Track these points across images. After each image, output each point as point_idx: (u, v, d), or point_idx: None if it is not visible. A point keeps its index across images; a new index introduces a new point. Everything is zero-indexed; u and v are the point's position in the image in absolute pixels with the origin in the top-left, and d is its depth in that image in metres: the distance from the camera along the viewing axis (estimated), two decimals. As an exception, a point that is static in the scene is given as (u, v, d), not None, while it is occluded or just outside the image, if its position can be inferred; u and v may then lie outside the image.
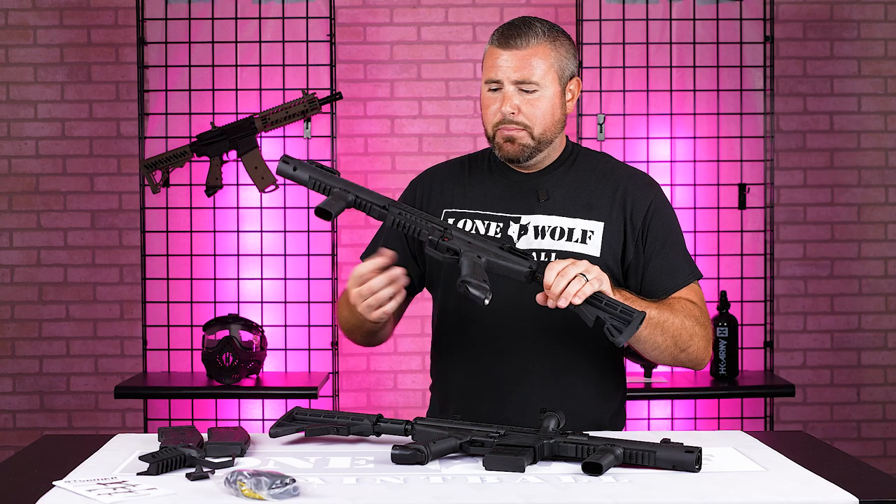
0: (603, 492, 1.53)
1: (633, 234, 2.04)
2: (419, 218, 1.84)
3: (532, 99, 1.98)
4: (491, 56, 2.01)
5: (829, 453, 1.86)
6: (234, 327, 3.39)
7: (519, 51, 1.98)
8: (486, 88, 2.01)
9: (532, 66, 1.97)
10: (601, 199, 2.05)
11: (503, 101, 1.98)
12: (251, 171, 3.51)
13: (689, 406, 3.62)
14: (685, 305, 2.02)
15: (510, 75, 1.97)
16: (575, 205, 2.04)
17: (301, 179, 1.84)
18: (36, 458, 1.79)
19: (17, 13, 4.10)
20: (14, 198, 4.11)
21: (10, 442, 4.07)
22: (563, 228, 2.02)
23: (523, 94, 1.98)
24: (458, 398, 2.07)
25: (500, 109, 1.98)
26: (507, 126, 1.99)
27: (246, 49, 3.63)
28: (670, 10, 3.65)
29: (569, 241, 2.01)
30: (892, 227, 4.17)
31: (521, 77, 1.97)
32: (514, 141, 2.00)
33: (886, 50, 4.16)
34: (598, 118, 3.61)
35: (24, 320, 4.11)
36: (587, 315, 1.78)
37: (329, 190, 1.83)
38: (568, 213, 2.04)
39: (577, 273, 1.77)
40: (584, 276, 1.77)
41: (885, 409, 4.17)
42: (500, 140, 2.01)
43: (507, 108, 1.97)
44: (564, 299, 1.76)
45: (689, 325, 1.98)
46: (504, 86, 1.98)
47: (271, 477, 1.49)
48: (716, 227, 3.66)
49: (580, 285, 1.76)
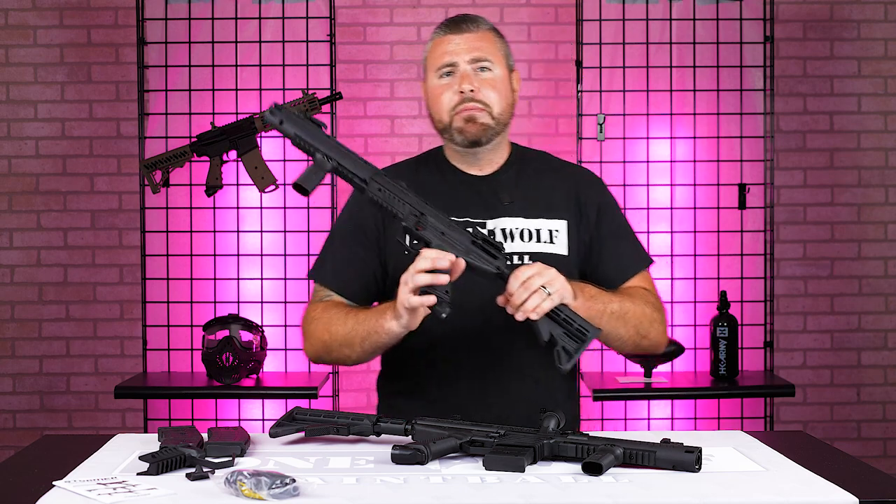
0: (603, 492, 1.53)
1: (589, 229, 2.07)
2: (396, 199, 1.80)
3: (488, 78, 2.01)
4: (440, 44, 2.02)
5: (829, 453, 1.86)
6: (234, 327, 3.39)
7: (472, 33, 2.02)
8: (435, 77, 2.02)
9: (485, 45, 2.02)
10: (559, 198, 2.07)
11: (461, 81, 1.98)
12: (251, 171, 3.51)
13: (689, 406, 3.62)
14: (642, 293, 2.05)
15: (465, 56, 1.99)
16: (536, 205, 2.05)
17: (286, 134, 1.80)
18: (36, 458, 1.79)
19: (17, 13, 4.10)
20: (14, 198, 4.11)
21: (10, 442, 4.07)
22: (531, 230, 2.03)
23: (479, 74, 2.00)
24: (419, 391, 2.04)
25: (457, 91, 1.98)
26: (466, 106, 1.99)
27: (246, 49, 3.62)
28: (670, 10, 3.64)
29: (538, 243, 2.02)
30: (892, 227, 4.17)
31: (477, 55, 2.00)
32: (475, 120, 2.00)
33: (886, 50, 4.16)
34: (598, 118, 3.61)
35: (24, 320, 4.11)
36: (541, 332, 1.80)
37: (311, 152, 1.79)
38: (531, 214, 2.05)
39: (540, 285, 1.78)
40: (545, 289, 1.78)
41: (885, 409, 4.17)
42: (459, 123, 2.01)
43: (466, 86, 1.98)
44: (522, 313, 1.79)
45: (649, 313, 2.02)
46: (459, 66, 2.00)
47: (271, 477, 1.49)
48: (716, 227, 3.66)
49: (539, 300, 1.78)
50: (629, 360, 3.44)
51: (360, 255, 2.05)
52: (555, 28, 4.12)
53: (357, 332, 1.94)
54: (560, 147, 4.02)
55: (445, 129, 2.03)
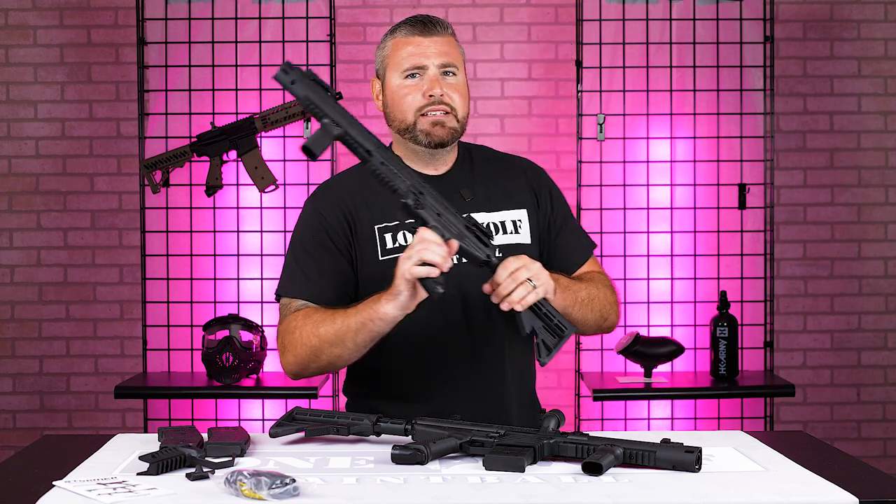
0: (603, 492, 1.53)
1: (546, 216, 2.13)
2: (397, 175, 1.81)
3: (453, 83, 2.03)
4: (406, 44, 2.03)
5: (829, 453, 1.86)
6: (234, 327, 3.39)
7: (440, 38, 2.03)
8: (398, 77, 2.02)
9: (451, 51, 2.04)
10: (515, 188, 2.12)
11: (430, 85, 2.00)
12: (251, 171, 3.51)
13: (689, 406, 3.62)
14: (600, 278, 2.13)
15: (434, 60, 2.01)
16: (496, 198, 2.09)
17: (297, 95, 1.79)
18: (36, 458, 1.79)
19: (17, 13, 4.10)
20: (14, 198, 4.11)
21: (10, 442, 4.07)
22: (495, 222, 2.07)
23: (444, 78, 2.02)
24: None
25: (426, 94, 2.00)
26: (434, 108, 2.00)
27: (246, 49, 3.62)
28: (670, 10, 3.64)
29: (505, 234, 2.06)
30: (892, 227, 4.17)
31: (446, 61, 2.02)
32: (443, 125, 2.01)
33: (886, 50, 4.16)
34: (598, 118, 3.61)
35: (24, 320, 4.11)
36: (524, 324, 1.83)
37: (320, 116, 1.79)
38: (493, 208, 2.08)
39: (527, 277, 1.81)
40: (531, 282, 1.81)
41: (885, 409, 4.17)
42: (426, 126, 2.01)
43: (437, 91, 1.99)
44: (508, 304, 1.81)
45: (610, 297, 2.11)
46: (429, 70, 2.01)
47: (271, 477, 1.49)
48: (716, 227, 3.66)
49: (525, 292, 1.81)
50: (629, 359, 3.44)
51: (330, 264, 2.03)
52: (555, 28, 4.12)
53: (348, 326, 1.90)
54: (560, 147, 4.03)
55: (408, 129, 2.04)
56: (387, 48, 2.06)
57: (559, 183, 2.24)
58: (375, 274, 1.98)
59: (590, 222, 3.60)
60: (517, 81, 4.12)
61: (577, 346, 3.60)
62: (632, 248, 3.65)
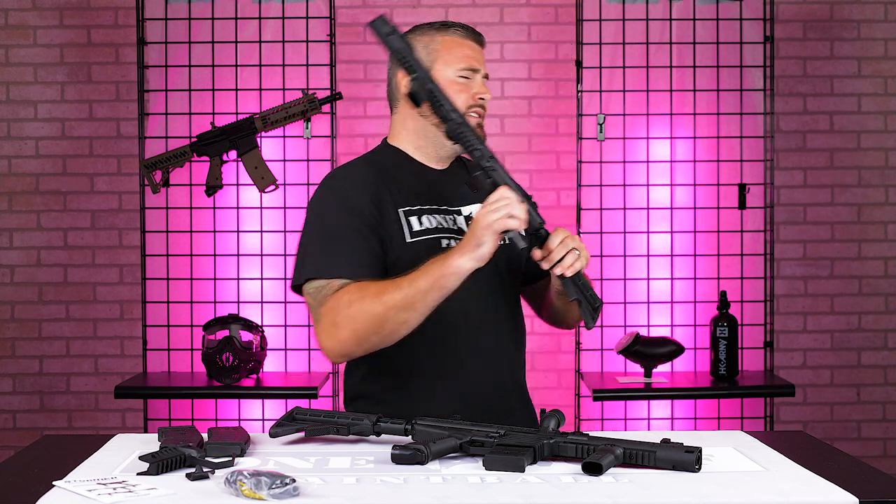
0: (603, 492, 1.53)
1: None
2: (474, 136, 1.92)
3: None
4: (462, 45, 2.13)
5: (829, 453, 1.86)
6: (234, 327, 3.39)
7: (483, 49, 2.18)
8: (452, 72, 2.10)
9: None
10: None
11: (482, 90, 2.12)
12: (251, 171, 3.51)
13: (689, 406, 3.62)
14: None
15: (482, 69, 2.15)
16: None
17: (390, 46, 1.91)
18: (36, 458, 1.79)
19: (17, 13, 4.10)
20: (14, 198, 4.11)
21: (10, 442, 4.07)
22: None
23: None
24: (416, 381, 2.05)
25: (475, 96, 2.11)
26: (478, 110, 2.12)
27: (246, 49, 3.62)
28: (670, 10, 3.65)
29: None
30: (892, 227, 4.17)
31: (486, 72, 2.17)
32: (481, 126, 2.13)
33: (886, 50, 4.16)
34: (598, 118, 3.61)
35: (24, 320, 4.11)
36: (570, 290, 1.94)
37: (412, 71, 1.90)
38: None
39: (574, 247, 1.91)
40: (576, 252, 1.91)
41: (885, 409, 4.17)
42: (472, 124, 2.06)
43: (487, 96, 2.13)
44: (560, 268, 1.91)
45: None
46: (479, 74, 2.14)
47: (271, 477, 1.49)
48: (716, 227, 3.66)
49: (573, 259, 1.91)
50: (630, 360, 3.44)
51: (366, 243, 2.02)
52: (555, 28, 4.12)
53: (417, 287, 1.86)
54: (560, 147, 4.03)
55: None
56: (436, 42, 2.12)
57: (559, 183, 2.25)
58: (403, 256, 1.99)
59: (590, 222, 3.60)
60: (517, 81, 4.12)
61: (577, 346, 3.60)
62: (632, 248, 3.65)
